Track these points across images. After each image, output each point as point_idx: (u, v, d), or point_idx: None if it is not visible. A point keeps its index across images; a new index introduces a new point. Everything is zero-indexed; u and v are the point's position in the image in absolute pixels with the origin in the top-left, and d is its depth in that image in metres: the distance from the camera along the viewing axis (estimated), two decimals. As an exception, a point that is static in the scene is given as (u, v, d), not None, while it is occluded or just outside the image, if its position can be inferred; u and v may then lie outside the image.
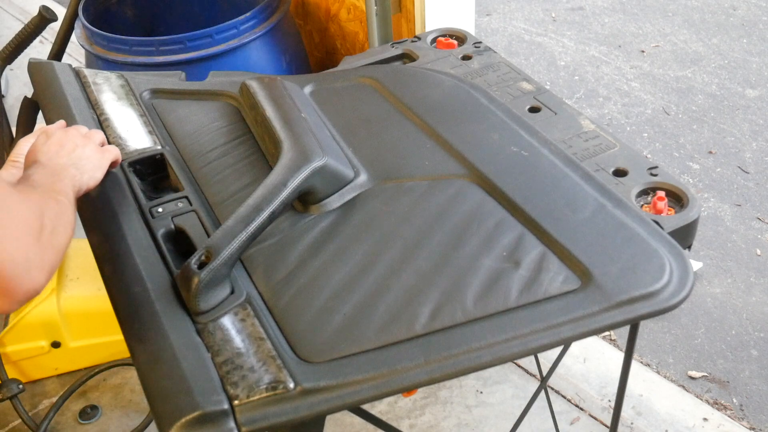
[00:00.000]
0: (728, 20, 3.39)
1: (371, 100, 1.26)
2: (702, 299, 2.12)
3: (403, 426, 1.74)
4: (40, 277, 0.72)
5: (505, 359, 0.84)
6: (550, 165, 1.09)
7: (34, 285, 0.72)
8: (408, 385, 0.81)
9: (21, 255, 0.70)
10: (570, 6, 3.57)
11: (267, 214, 0.94)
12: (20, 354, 1.82)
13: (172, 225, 1.01)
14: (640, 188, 1.08)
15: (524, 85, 1.30)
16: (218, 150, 1.17)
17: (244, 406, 0.77)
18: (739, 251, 2.26)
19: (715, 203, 2.43)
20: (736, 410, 1.83)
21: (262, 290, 0.93)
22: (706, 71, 3.07)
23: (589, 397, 1.79)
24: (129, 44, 1.90)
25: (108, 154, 1.03)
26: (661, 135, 2.74)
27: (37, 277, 0.72)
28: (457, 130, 1.16)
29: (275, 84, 1.22)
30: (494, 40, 3.34)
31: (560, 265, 0.93)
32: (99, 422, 1.80)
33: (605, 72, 3.10)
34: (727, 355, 1.97)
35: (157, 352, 0.83)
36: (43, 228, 0.75)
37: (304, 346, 0.85)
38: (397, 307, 0.89)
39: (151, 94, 1.29)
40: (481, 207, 1.03)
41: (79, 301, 1.83)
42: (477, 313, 0.88)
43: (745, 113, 2.82)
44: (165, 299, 0.89)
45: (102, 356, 1.87)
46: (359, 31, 2.18)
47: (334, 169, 1.04)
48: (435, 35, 1.47)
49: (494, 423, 1.74)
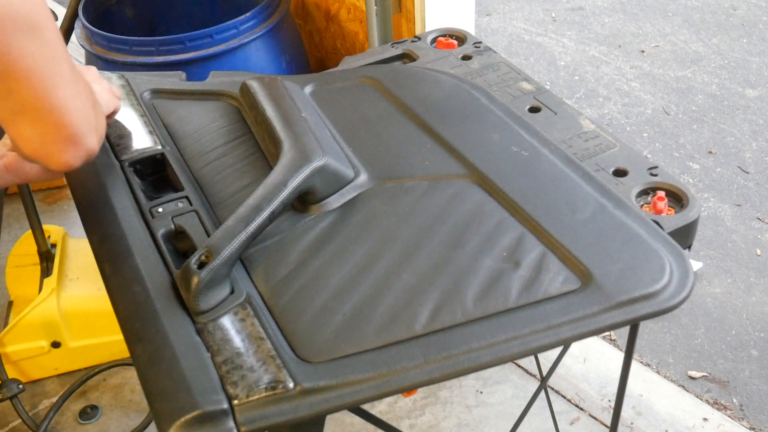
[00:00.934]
0: (728, 20, 3.39)
1: (371, 100, 1.26)
2: (702, 299, 2.12)
3: (403, 426, 1.74)
4: (95, 140, 0.87)
5: (505, 359, 0.84)
6: (551, 165, 1.09)
7: (92, 145, 0.86)
8: (408, 385, 0.81)
9: (86, 117, 0.85)
10: (570, 6, 3.57)
11: (267, 214, 0.94)
12: (20, 354, 1.82)
13: (172, 225, 1.01)
14: (640, 188, 1.08)
15: (524, 85, 1.30)
16: (218, 150, 1.17)
17: (244, 406, 0.77)
18: (739, 251, 2.26)
19: (715, 203, 2.43)
20: (736, 410, 1.83)
21: (262, 290, 0.93)
22: (706, 71, 3.07)
23: (589, 397, 1.79)
24: (129, 44, 1.90)
25: (115, 101, 1.10)
26: (661, 135, 2.74)
27: (94, 139, 0.86)
28: (457, 130, 1.16)
29: (275, 84, 1.22)
30: (494, 40, 3.34)
31: (560, 265, 0.93)
32: (99, 422, 1.80)
33: (605, 72, 3.10)
34: (727, 355, 1.97)
35: (157, 351, 0.83)
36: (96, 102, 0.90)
37: (304, 346, 0.85)
38: (397, 307, 0.89)
39: (151, 94, 1.29)
40: (481, 207, 1.03)
41: (79, 301, 1.83)
42: (477, 313, 0.88)
43: (745, 113, 2.83)
44: (165, 299, 0.89)
45: (102, 356, 1.88)
46: (359, 31, 2.19)
47: (334, 169, 1.04)
48: (435, 35, 1.47)
49: (494, 423, 1.74)
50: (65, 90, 0.82)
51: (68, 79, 0.83)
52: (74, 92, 0.83)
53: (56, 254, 1.91)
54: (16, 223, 2.29)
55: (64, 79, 0.82)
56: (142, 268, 0.93)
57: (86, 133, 0.84)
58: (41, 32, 0.79)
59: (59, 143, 0.82)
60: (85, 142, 0.85)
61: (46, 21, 0.80)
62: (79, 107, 0.84)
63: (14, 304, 1.97)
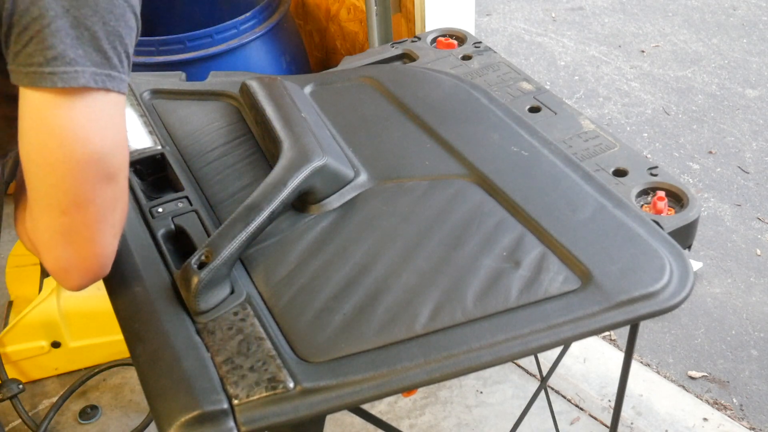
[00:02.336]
0: (728, 20, 3.39)
1: (371, 100, 1.26)
2: (702, 299, 2.12)
3: (403, 426, 1.74)
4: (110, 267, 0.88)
5: (505, 359, 0.84)
6: (551, 165, 1.09)
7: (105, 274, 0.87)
8: (408, 385, 0.81)
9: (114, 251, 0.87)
10: (570, 6, 3.57)
11: (267, 214, 0.94)
12: (20, 354, 1.82)
13: (172, 225, 1.01)
14: (640, 188, 1.08)
15: (524, 85, 1.30)
16: (218, 150, 1.17)
17: (244, 406, 0.77)
18: (739, 251, 2.26)
19: (715, 203, 2.43)
20: (736, 410, 1.83)
21: (262, 290, 0.93)
22: (706, 71, 3.07)
23: (589, 397, 1.79)
24: (129, 44, 1.89)
25: None
26: (661, 135, 2.74)
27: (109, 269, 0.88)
28: (457, 130, 1.16)
29: (275, 84, 1.22)
30: (494, 40, 3.34)
31: (560, 265, 0.93)
32: (99, 422, 1.80)
33: (605, 72, 3.10)
34: (727, 355, 1.97)
35: (157, 351, 0.83)
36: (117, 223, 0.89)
37: (304, 346, 0.85)
38: (397, 307, 0.89)
39: (151, 94, 1.29)
40: (481, 207, 1.03)
41: (79, 301, 1.83)
42: (477, 313, 0.88)
43: (745, 113, 2.82)
44: (165, 299, 0.89)
45: (102, 356, 1.87)
46: (359, 31, 2.19)
47: (334, 169, 1.04)
48: (435, 35, 1.47)
49: (494, 423, 1.74)
50: (112, 229, 0.84)
51: (118, 220, 0.85)
52: (116, 233, 0.86)
53: (56, 254, 1.90)
54: (16, 223, 2.29)
55: (115, 219, 0.84)
56: (142, 268, 0.93)
57: (108, 264, 0.86)
58: (117, 180, 0.82)
59: (83, 271, 0.84)
60: (103, 273, 0.87)
61: (124, 168, 0.83)
62: (114, 245, 0.86)
63: (14, 304, 1.96)
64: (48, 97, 0.74)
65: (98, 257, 0.84)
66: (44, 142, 0.76)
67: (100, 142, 0.78)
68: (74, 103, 0.75)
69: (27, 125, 0.77)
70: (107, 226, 0.83)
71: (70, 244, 0.82)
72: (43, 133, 0.76)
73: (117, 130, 0.81)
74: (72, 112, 0.76)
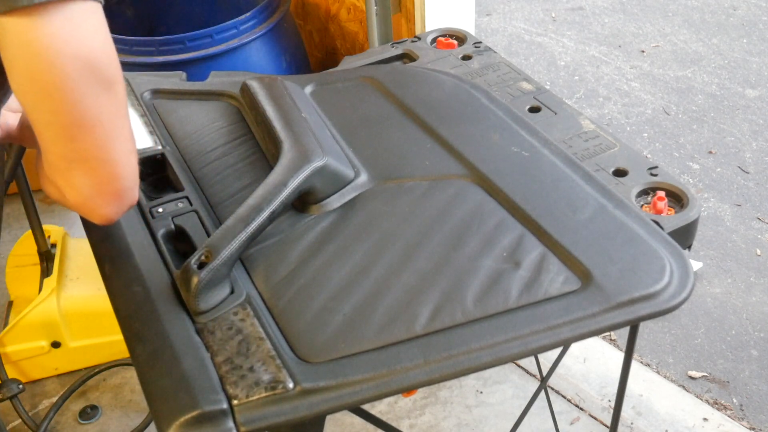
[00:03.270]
0: (728, 20, 3.39)
1: (371, 100, 1.26)
2: (702, 299, 2.12)
3: (403, 426, 1.74)
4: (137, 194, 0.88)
5: (505, 360, 0.84)
6: (551, 165, 1.09)
7: (134, 199, 0.87)
8: (408, 385, 0.81)
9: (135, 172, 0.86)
10: (570, 6, 3.57)
11: (267, 214, 0.94)
12: (20, 354, 1.82)
13: (172, 225, 1.01)
14: (640, 188, 1.08)
15: (524, 85, 1.30)
16: (219, 150, 1.17)
17: (244, 406, 0.77)
18: (739, 251, 2.26)
19: (715, 203, 2.43)
20: (736, 410, 1.83)
21: (262, 290, 0.93)
22: (706, 71, 3.07)
23: (589, 397, 1.79)
24: (129, 44, 1.90)
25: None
26: (661, 135, 2.74)
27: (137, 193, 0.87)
28: (457, 130, 1.16)
29: (276, 84, 1.22)
30: (494, 40, 3.34)
31: (560, 265, 0.93)
32: (99, 422, 1.80)
33: (605, 72, 3.10)
34: (727, 355, 1.97)
35: (157, 351, 0.83)
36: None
37: (304, 346, 0.85)
38: (397, 307, 0.89)
39: (151, 94, 1.29)
40: (482, 207, 1.03)
41: (79, 301, 1.83)
42: (477, 314, 0.88)
43: (745, 113, 2.82)
44: (165, 299, 0.89)
45: (102, 356, 1.88)
46: (359, 31, 2.19)
47: (335, 169, 1.04)
48: (435, 35, 1.47)
49: (494, 423, 1.74)
50: (124, 145, 0.84)
51: (127, 135, 0.85)
52: (130, 148, 0.85)
53: (56, 254, 1.90)
54: (16, 223, 2.29)
55: (124, 135, 0.84)
56: (142, 268, 0.93)
57: (133, 187, 0.86)
58: (114, 87, 0.81)
59: (107, 195, 0.84)
60: (129, 196, 0.86)
61: (120, 77, 0.82)
62: (132, 162, 0.85)
63: (14, 304, 1.97)
64: (25, 20, 0.73)
65: (120, 178, 0.83)
66: (33, 67, 0.75)
67: (88, 51, 0.76)
68: (52, 18, 0.74)
69: (12, 55, 0.76)
70: (119, 143, 0.83)
71: (87, 171, 0.81)
72: (29, 57, 0.75)
73: (102, 37, 0.79)
74: (52, 28, 0.74)
